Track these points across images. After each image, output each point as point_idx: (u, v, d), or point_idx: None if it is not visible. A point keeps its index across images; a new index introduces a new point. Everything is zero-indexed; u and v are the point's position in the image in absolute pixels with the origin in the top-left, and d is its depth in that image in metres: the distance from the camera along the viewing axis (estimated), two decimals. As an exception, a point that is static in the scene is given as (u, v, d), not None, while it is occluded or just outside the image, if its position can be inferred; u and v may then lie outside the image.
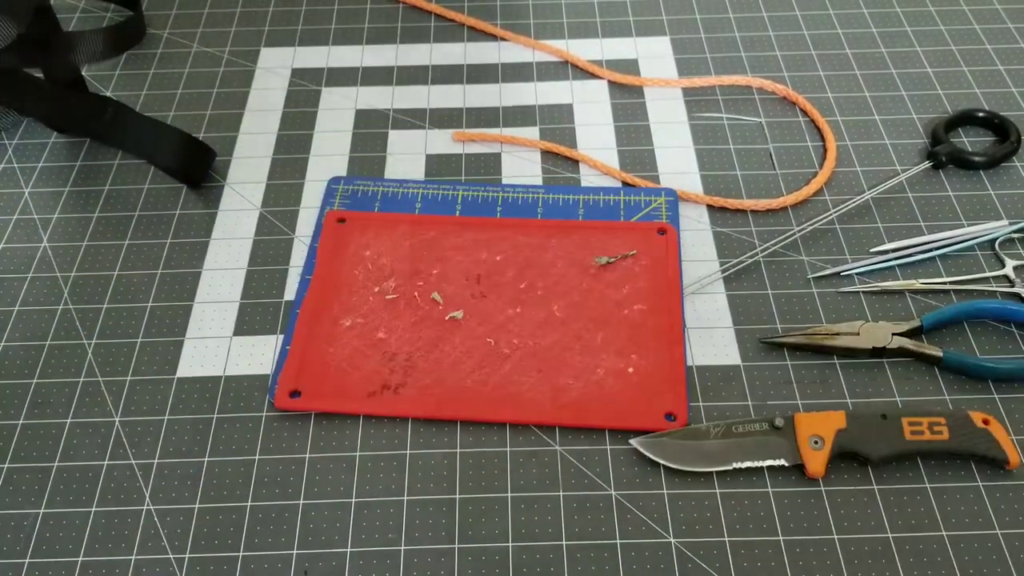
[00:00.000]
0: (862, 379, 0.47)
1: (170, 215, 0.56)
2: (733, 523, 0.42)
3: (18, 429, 0.46)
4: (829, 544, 0.41)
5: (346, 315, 0.50)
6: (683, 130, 0.61)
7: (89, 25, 0.70)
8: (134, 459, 0.45)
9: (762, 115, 0.61)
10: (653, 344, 0.48)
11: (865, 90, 0.63)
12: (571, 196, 0.56)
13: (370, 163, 0.59)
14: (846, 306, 0.50)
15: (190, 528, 0.42)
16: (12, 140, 0.61)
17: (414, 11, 0.71)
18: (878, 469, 0.43)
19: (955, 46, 0.66)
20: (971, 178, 0.57)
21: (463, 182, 0.57)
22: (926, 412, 0.44)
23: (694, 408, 0.46)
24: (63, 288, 0.52)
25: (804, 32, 0.67)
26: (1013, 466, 0.43)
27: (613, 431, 0.45)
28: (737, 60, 0.65)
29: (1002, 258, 0.52)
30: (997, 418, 0.44)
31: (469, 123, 0.62)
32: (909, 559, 0.40)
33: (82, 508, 0.43)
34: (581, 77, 0.65)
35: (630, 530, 0.42)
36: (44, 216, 0.56)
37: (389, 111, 0.63)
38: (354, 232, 0.54)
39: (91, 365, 0.49)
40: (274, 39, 0.68)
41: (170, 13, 0.71)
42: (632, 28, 0.69)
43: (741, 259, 0.52)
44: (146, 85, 0.65)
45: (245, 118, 0.62)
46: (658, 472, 0.44)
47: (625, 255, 0.52)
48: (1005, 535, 0.41)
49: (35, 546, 0.42)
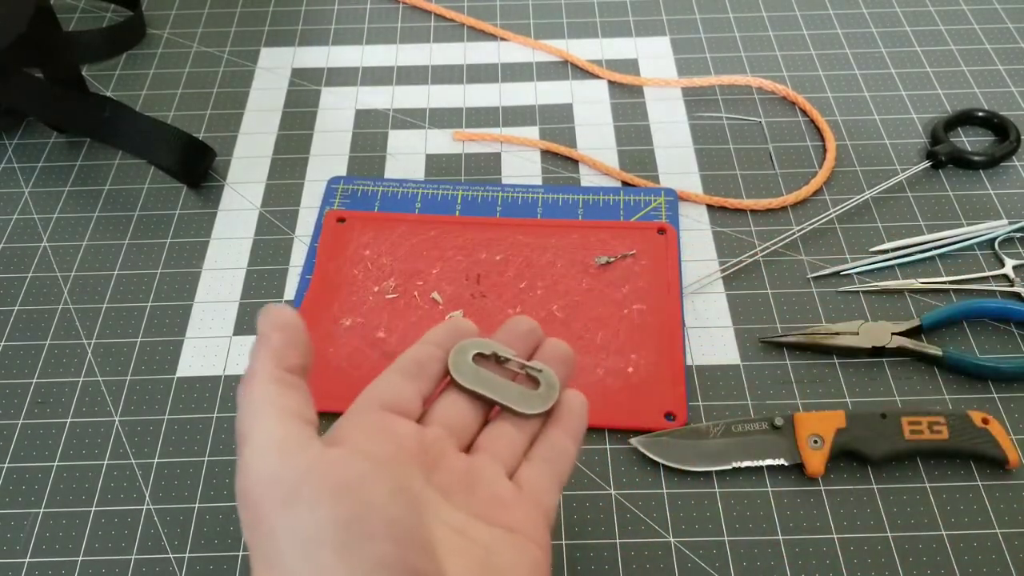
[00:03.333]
0: (862, 378, 0.47)
1: (170, 215, 0.56)
2: (733, 522, 0.42)
3: (18, 429, 0.46)
4: (829, 543, 0.41)
5: (346, 315, 0.50)
6: (683, 130, 0.61)
7: (89, 25, 0.70)
8: (134, 459, 0.45)
9: (762, 115, 0.61)
10: (653, 344, 0.48)
11: (865, 90, 0.63)
12: (571, 196, 0.56)
13: (370, 163, 0.59)
14: (846, 306, 0.50)
15: (190, 528, 0.42)
16: (12, 140, 0.61)
17: (414, 11, 0.71)
18: (878, 468, 0.43)
19: (955, 46, 0.66)
20: (971, 178, 0.57)
21: (463, 182, 0.57)
22: (926, 411, 0.44)
23: (694, 408, 0.46)
24: (63, 288, 0.52)
25: (804, 32, 0.68)
26: (1013, 465, 0.43)
27: (613, 431, 0.45)
28: (737, 60, 0.65)
29: (1001, 257, 0.52)
30: (997, 418, 0.44)
31: (469, 123, 0.62)
32: (909, 558, 0.40)
33: (82, 508, 0.43)
34: (581, 77, 0.65)
35: (630, 529, 0.42)
36: (44, 216, 0.56)
37: (389, 111, 0.63)
38: (354, 232, 0.54)
39: (91, 365, 0.49)
40: (274, 39, 0.69)
41: (170, 13, 0.71)
42: (632, 28, 0.69)
43: (741, 259, 0.52)
44: (146, 85, 0.65)
45: (245, 118, 0.62)
46: (658, 472, 0.44)
47: (625, 255, 0.52)
48: (1004, 534, 0.41)
49: (35, 546, 0.42)
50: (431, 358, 0.33)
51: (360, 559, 0.24)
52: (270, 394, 0.28)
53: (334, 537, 0.24)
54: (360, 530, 0.25)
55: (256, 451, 0.26)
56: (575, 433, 0.33)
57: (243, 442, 0.27)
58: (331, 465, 0.26)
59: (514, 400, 0.33)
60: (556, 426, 0.33)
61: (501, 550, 0.28)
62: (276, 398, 0.28)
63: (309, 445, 0.27)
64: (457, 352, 0.33)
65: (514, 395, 0.33)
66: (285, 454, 0.26)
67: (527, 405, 0.33)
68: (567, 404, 0.34)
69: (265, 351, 0.29)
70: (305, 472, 0.26)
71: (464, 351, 0.33)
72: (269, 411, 0.27)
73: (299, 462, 0.26)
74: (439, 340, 0.34)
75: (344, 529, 0.24)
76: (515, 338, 0.35)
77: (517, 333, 0.35)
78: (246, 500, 0.26)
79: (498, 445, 0.32)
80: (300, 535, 0.25)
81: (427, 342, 0.34)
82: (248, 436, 0.27)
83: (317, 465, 0.26)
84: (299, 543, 0.25)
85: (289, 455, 0.26)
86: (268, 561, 0.25)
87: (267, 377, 0.28)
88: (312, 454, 0.26)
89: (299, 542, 0.25)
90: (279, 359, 0.29)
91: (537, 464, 0.32)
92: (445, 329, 0.34)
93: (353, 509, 0.25)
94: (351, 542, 0.24)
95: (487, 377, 0.33)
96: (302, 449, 0.26)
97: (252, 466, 0.26)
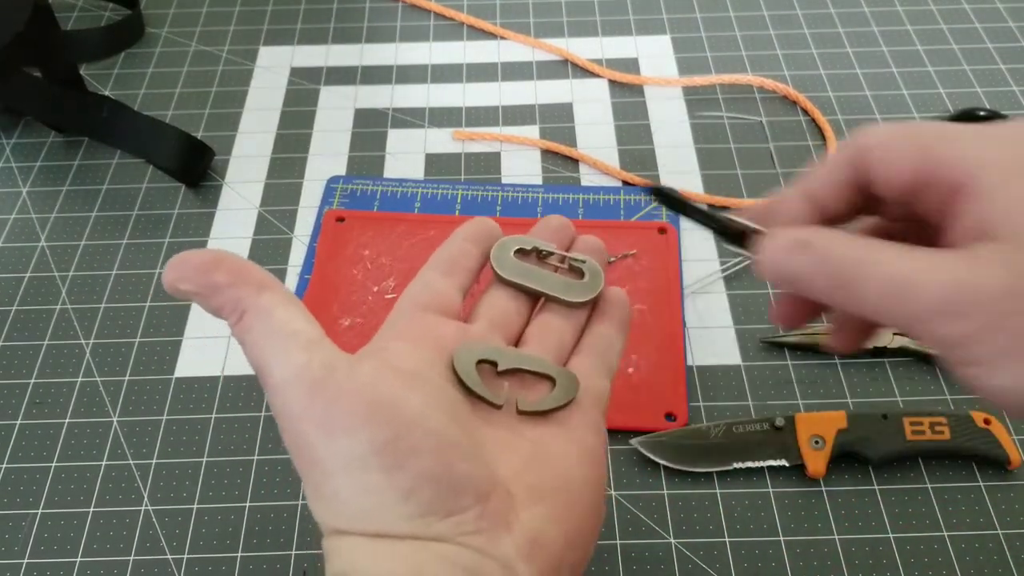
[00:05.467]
0: (863, 379, 0.47)
1: (168, 214, 0.56)
2: (733, 523, 0.42)
3: (16, 429, 0.46)
4: (830, 544, 0.41)
5: (345, 315, 0.50)
6: (683, 129, 0.60)
7: (87, 24, 0.70)
8: (132, 459, 0.45)
9: (763, 114, 0.61)
10: (654, 344, 0.48)
11: (866, 89, 0.63)
12: (571, 195, 0.56)
13: (369, 162, 0.59)
14: (847, 306, 0.50)
15: (188, 528, 0.42)
16: (10, 139, 0.61)
17: (413, 9, 0.70)
18: (879, 469, 0.43)
19: (956, 45, 0.66)
20: (972, 177, 0.56)
21: (463, 181, 0.57)
22: (927, 412, 0.44)
23: (694, 408, 0.46)
24: (61, 287, 0.52)
25: (805, 31, 0.67)
26: (1014, 466, 0.42)
27: (613, 431, 0.45)
28: (738, 59, 0.65)
29: (1003, 257, 0.51)
30: (998, 418, 0.44)
31: (469, 122, 0.61)
32: (910, 559, 0.40)
33: (80, 508, 0.43)
34: (581, 76, 0.65)
35: (630, 530, 0.41)
36: (42, 215, 0.56)
37: (388, 110, 0.62)
38: (353, 231, 0.54)
39: (89, 365, 0.48)
40: (273, 38, 0.68)
41: (168, 12, 0.70)
42: (632, 27, 0.68)
43: (742, 259, 0.52)
44: (144, 84, 0.65)
45: (244, 117, 0.62)
46: (658, 472, 0.43)
47: (625, 255, 0.52)
48: (1006, 535, 0.41)
49: (33, 546, 0.42)
50: (464, 253, 0.33)
51: (406, 475, 0.24)
52: (267, 323, 0.26)
53: (377, 460, 0.24)
54: (401, 448, 0.24)
55: (279, 389, 0.25)
56: (620, 323, 0.33)
57: (263, 378, 0.26)
58: (360, 386, 0.25)
59: (560, 290, 0.33)
60: (601, 318, 0.33)
61: (550, 441, 0.28)
62: (277, 325, 0.26)
63: (333, 367, 0.25)
64: (499, 248, 0.33)
65: (560, 285, 0.33)
66: (310, 386, 0.25)
67: (574, 294, 0.33)
68: (609, 297, 0.34)
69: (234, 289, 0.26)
70: (333, 400, 0.25)
71: (505, 247, 0.33)
72: (275, 342, 0.26)
73: (326, 391, 0.25)
74: (469, 235, 0.33)
75: (384, 450, 0.24)
76: (550, 234, 0.35)
77: (551, 229, 0.35)
78: (284, 433, 0.26)
79: (546, 337, 0.32)
80: (342, 462, 0.24)
81: (457, 238, 0.33)
82: (265, 372, 0.26)
83: (345, 389, 0.25)
84: (343, 469, 0.24)
85: (315, 387, 0.25)
86: (317, 489, 0.25)
87: (256, 309, 0.26)
88: (339, 378, 0.25)
89: (343, 468, 0.24)
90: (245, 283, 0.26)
91: (586, 354, 0.32)
92: (473, 226, 0.34)
93: (390, 428, 0.25)
94: (394, 461, 0.24)
95: (530, 270, 0.33)
96: (327, 374, 0.25)
97: (280, 404, 0.25)
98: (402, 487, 0.24)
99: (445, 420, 0.26)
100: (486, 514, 0.25)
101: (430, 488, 0.24)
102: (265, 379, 0.26)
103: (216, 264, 0.26)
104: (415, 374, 0.27)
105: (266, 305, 0.26)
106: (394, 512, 0.24)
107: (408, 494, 0.24)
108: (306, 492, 0.26)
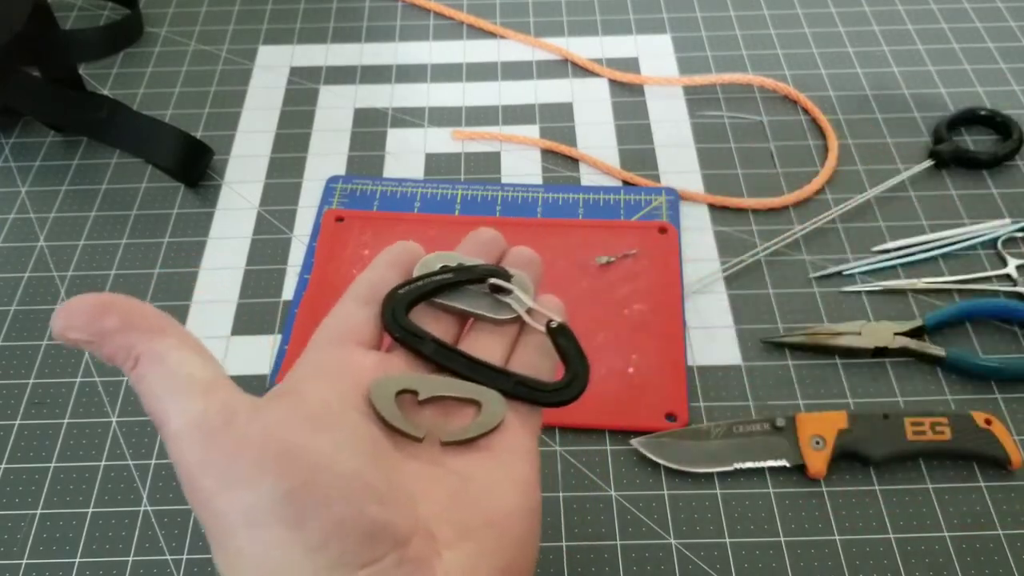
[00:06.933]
0: (864, 379, 0.47)
1: (167, 214, 0.56)
2: (734, 524, 0.42)
3: (15, 429, 0.46)
4: (831, 545, 0.41)
5: (345, 315, 0.49)
6: (684, 129, 0.60)
7: (86, 23, 0.70)
8: (131, 459, 0.44)
9: (763, 113, 0.61)
10: (654, 344, 0.47)
11: (867, 88, 0.62)
12: (571, 195, 0.55)
13: (369, 162, 0.59)
14: (848, 306, 0.50)
15: (187, 529, 0.42)
16: (9, 139, 0.61)
17: (413, 9, 0.70)
18: (880, 469, 0.43)
19: (957, 44, 0.66)
20: (973, 177, 0.56)
21: (462, 181, 0.57)
22: (928, 412, 0.44)
23: (695, 408, 0.46)
24: (60, 288, 0.52)
25: (806, 30, 0.67)
26: (1015, 466, 0.42)
27: (613, 431, 0.45)
28: (738, 58, 0.65)
29: (1005, 257, 0.51)
30: (999, 418, 0.44)
31: (468, 121, 0.61)
32: (911, 560, 0.40)
33: (79, 509, 0.43)
34: (581, 75, 0.65)
35: (630, 531, 0.41)
36: (41, 215, 0.56)
37: (388, 109, 0.62)
38: (353, 231, 0.54)
39: (88, 365, 0.48)
40: (272, 37, 0.68)
41: (167, 11, 0.70)
42: (632, 26, 0.68)
43: (742, 258, 0.52)
44: (143, 83, 0.65)
45: (243, 117, 0.62)
46: (658, 472, 0.43)
47: (626, 254, 0.52)
48: (1007, 536, 0.41)
49: (32, 547, 0.42)
50: (383, 280, 0.31)
51: (315, 527, 0.22)
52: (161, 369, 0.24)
53: (281, 513, 0.22)
54: (307, 498, 0.23)
55: (176, 439, 0.24)
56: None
57: (159, 428, 0.24)
58: (262, 433, 0.24)
59: (487, 308, 0.31)
60: (533, 332, 0.31)
61: (476, 471, 0.27)
62: (172, 371, 0.24)
63: (233, 414, 0.24)
64: (421, 267, 0.31)
65: (486, 303, 0.31)
66: (208, 435, 0.23)
67: (502, 311, 0.31)
68: (543, 306, 0.31)
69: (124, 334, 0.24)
70: (233, 450, 0.23)
71: (428, 265, 0.31)
72: (170, 389, 0.24)
73: (225, 441, 0.23)
74: (390, 261, 0.31)
75: (289, 502, 0.22)
76: (479, 247, 0.33)
77: (479, 243, 0.33)
78: (183, 486, 0.24)
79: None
80: (244, 517, 0.23)
81: (378, 264, 0.31)
82: (161, 422, 0.24)
83: (245, 438, 0.23)
84: (245, 525, 0.23)
85: (212, 436, 0.23)
86: (221, 544, 0.23)
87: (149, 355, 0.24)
88: (239, 426, 0.24)
89: (244, 524, 0.23)
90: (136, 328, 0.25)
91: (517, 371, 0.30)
92: (394, 251, 0.32)
93: (295, 477, 0.23)
94: (300, 513, 0.22)
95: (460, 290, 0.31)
96: (226, 422, 0.23)
97: (177, 455, 0.24)
98: (310, 541, 0.22)
99: (359, 462, 0.24)
100: (405, 560, 0.23)
101: (342, 538, 0.23)
102: (161, 429, 0.24)
103: (105, 309, 0.25)
104: (325, 414, 0.25)
105: (159, 350, 0.25)
106: (303, 568, 0.22)
107: (318, 547, 0.22)
108: (211, 547, 0.24)
